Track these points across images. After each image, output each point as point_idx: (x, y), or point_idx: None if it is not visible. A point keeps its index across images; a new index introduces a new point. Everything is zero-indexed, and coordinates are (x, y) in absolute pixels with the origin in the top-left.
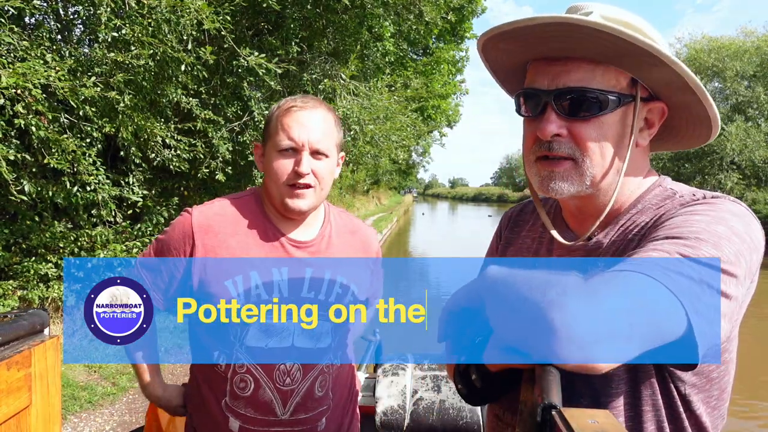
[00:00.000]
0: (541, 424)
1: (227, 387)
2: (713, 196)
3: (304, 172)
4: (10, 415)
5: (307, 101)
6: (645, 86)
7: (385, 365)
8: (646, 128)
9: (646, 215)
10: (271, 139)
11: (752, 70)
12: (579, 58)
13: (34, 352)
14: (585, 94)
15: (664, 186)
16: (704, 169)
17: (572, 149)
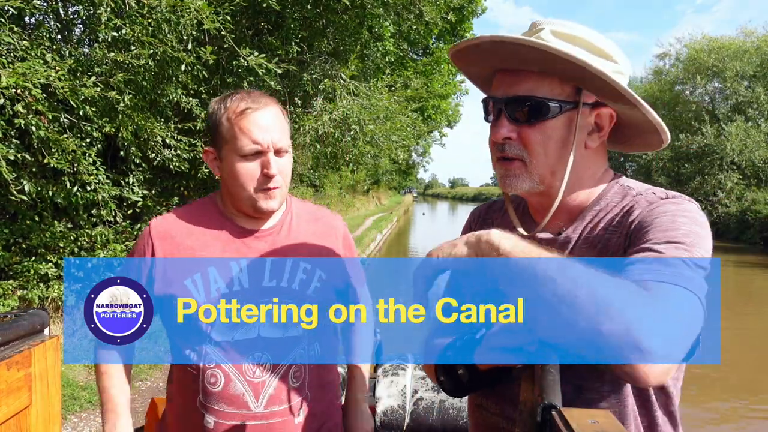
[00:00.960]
0: (541, 424)
1: (200, 385)
2: (674, 196)
3: (274, 173)
4: (11, 415)
5: (258, 99)
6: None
7: (385, 365)
8: (596, 131)
9: (612, 212)
10: (229, 144)
11: (752, 70)
12: (529, 70)
13: (34, 352)
14: (531, 101)
15: (621, 183)
16: (704, 169)
17: (521, 151)
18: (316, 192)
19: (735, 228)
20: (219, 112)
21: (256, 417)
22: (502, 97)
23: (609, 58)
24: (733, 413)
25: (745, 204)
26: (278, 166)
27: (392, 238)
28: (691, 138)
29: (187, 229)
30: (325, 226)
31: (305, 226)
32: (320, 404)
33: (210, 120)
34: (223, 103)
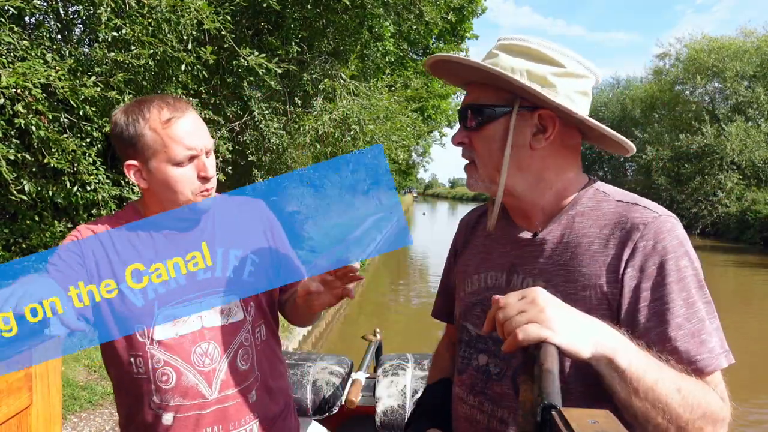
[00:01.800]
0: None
1: (151, 386)
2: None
3: (212, 175)
4: (11, 415)
5: (177, 106)
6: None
7: (385, 365)
8: (541, 132)
9: (587, 218)
10: (159, 155)
11: (752, 70)
12: (476, 82)
13: (35, 351)
14: (473, 109)
15: (595, 188)
16: (704, 169)
17: (471, 154)
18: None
19: (735, 228)
20: (137, 123)
21: (212, 403)
22: (460, 107)
23: (552, 62)
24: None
25: (745, 204)
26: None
27: None
28: (691, 138)
29: (115, 235)
30: (249, 210)
31: (230, 214)
32: (273, 382)
33: (125, 133)
34: (140, 114)
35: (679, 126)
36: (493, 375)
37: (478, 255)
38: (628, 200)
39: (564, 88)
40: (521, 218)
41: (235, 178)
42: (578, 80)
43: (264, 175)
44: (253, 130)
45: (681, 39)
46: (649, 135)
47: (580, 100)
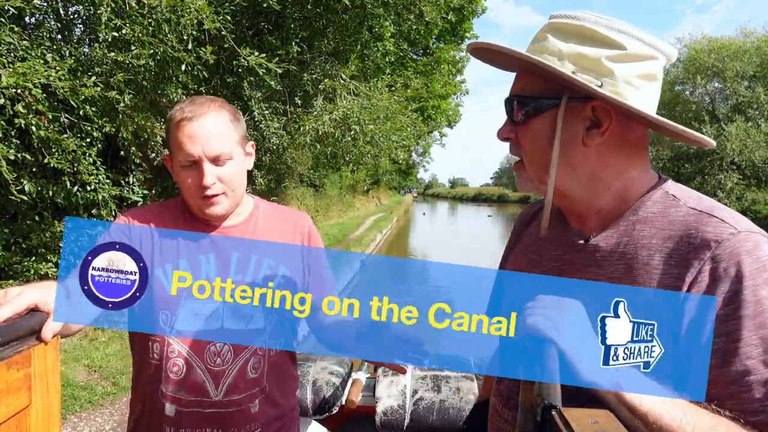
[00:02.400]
0: (541, 424)
1: (162, 374)
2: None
3: (209, 184)
4: (10, 415)
5: (196, 108)
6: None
7: None
8: (595, 127)
9: (651, 226)
10: (173, 154)
11: (752, 70)
12: (525, 70)
13: (34, 352)
14: (518, 100)
15: (665, 190)
16: (704, 169)
17: (518, 151)
18: (316, 192)
19: None
20: (169, 120)
21: (215, 405)
22: (506, 98)
23: (609, 44)
24: None
25: (745, 204)
26: (217, 173)
27: (392, 239)
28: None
29: (158, 223)
30: (291, 224)
31: (272, 224)
32: (279, 395)
33: (165, 126)
34: (173, 111)
35: None
36: None
37: (528, 255)
38: (702, 208)
39: (624, 74)
40: (576, 220)
41: None
42: (642, 63)
43: (264, 175)
44: (253, 130)
45: (681, 39)
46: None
47: (645, 86)
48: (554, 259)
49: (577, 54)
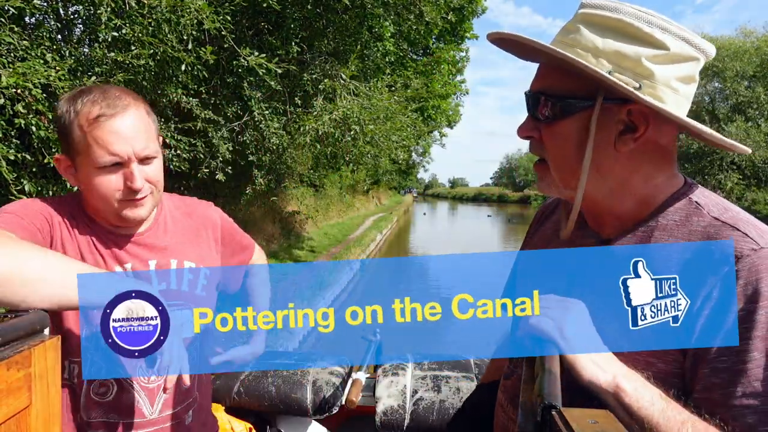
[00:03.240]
0: (541, 424)
1: (81, 400)
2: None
3: (140, 187)
4: (10, 415)
5: (114, 102)
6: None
7: (385, 365)
8: (629, 132)
9: (669, 234)
10: (83, 154)
11: (752, 70)
12: (554, 64)
13: (34, 352)
14: (547, 98)
15: (690, 197)
16: (704, 169)
17: (542, 151)
18: (316, 192)
19: None
20: (68, 116)
21: (150, 424)
22: (528, 92)
23: (651, 42)
24: None
25: (745, 204)
26: (145, 174)
27: (392, 239)
28: (692, 138)
29: (65, 228)
30: (200, 218)
31: (181, 223)
32: (204, 401)
33: (59, 123)
34: (73, 105)
35: None
36: None
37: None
38: (726, 219)
39: (664, 76)
40: (593, 221)
41: (235, 178)
42: (683, 64)
43: (264, 175)
44: (253, 130)
45: None
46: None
47: (683, 89)
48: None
49: (615, 52)
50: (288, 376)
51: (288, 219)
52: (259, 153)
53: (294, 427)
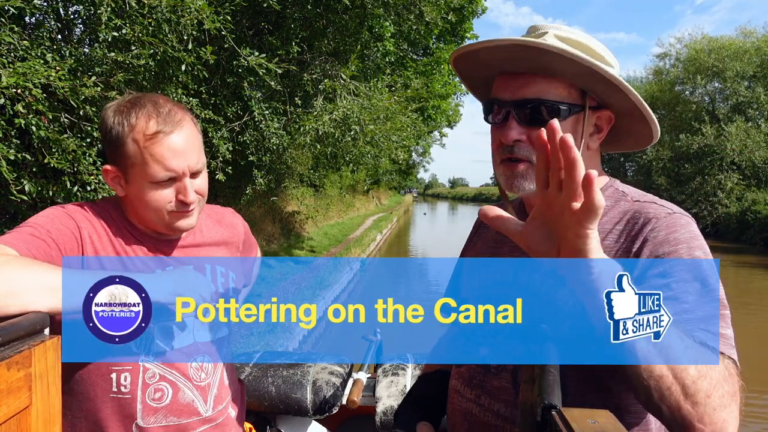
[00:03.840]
0: (541, 424)
1: (137, 406)
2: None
3: (192, 200)
4: (11, 415)
5: (169, 118)
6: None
7: (385, 365)
8: (596, 133)
9: (604, 215)
10: (137, 168)
11: (752, 70)
12: (536, 73)
13: (35, 352)
14: (541, 104)
15: (615, 187)
16: (704, 169)
17: (530, 152)
18: (316, 192)
19: (735, 228)
20: (122, 129)
21: (206, 421)
22: (510, 100)
23: (608, 63)
24: None
25: (745, 204)
26: (195, 187)
27: (392, 238)
28: (691, 138)
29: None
30: (228, 227)
31: (212, 231)
32: (240, 396)
33: (109, 135)
34: (127, 119)
35: (679, 126)
36: (492, 369)
37: (489, 249)
38: (645, 199)
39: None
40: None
41: (235, 178)
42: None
43: (264, 175)
44: (253, 130)
45: (681, 39)
46: None
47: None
48: (515, 249)
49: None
50: (288, 376)
51: (288, 219)
52: (259, 153)
53: (294, 427)
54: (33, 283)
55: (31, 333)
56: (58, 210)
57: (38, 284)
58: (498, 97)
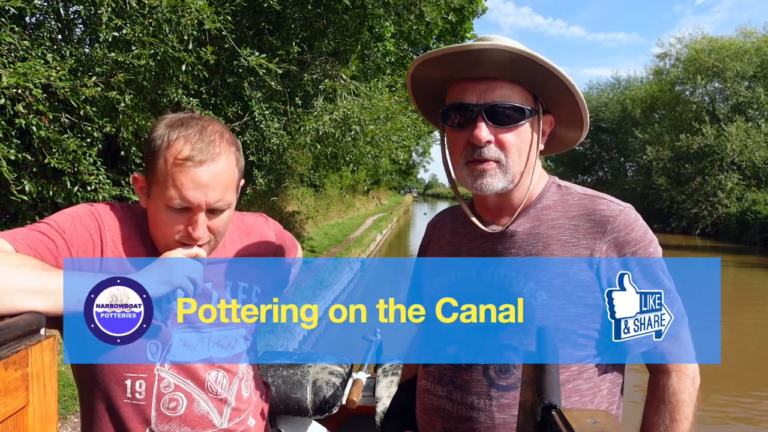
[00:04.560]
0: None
1: (151, 413)
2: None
3: (199, 237)
4: (8, 415)
5: (205, 146)
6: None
7: (385, 365)
8: (542, 135)
9: (555, 211)
10: (159, 186)
11: (752, 70)
12: (498, 78)
13: (31, 351)
14: (509, 107)
15: (557, 183)
16: (704, 169)
17: (498, 153)
18: (316, 192)
19: (735, 228)
20: (161, 143)
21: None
22: (478, 103)
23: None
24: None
25: (745, 204)
26: (209, 224)
27: (392, 239)
28: (692, 138)
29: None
30: (257, 238)
31: (237, 243)
32: (261, 408)
33: (150, 144)
34: (168, 133)
35: (679, 126)
36: (462, 364)
37: (446, 252)
38: (590, 194)
39: None
40: (490, 214)
41: None
42: None
43: (264, 175)
44: (254, 130)
45: (681, 39)
46: (649, 135)
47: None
48: (473, 249)
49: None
50: (288, 376)
51: (288, 219)
52: (259, 153)
53: (294, 427)
54: (17, 283)
55: (28, 333)
56: (85, 209)
57: (22, 285)
58: (463, 101)
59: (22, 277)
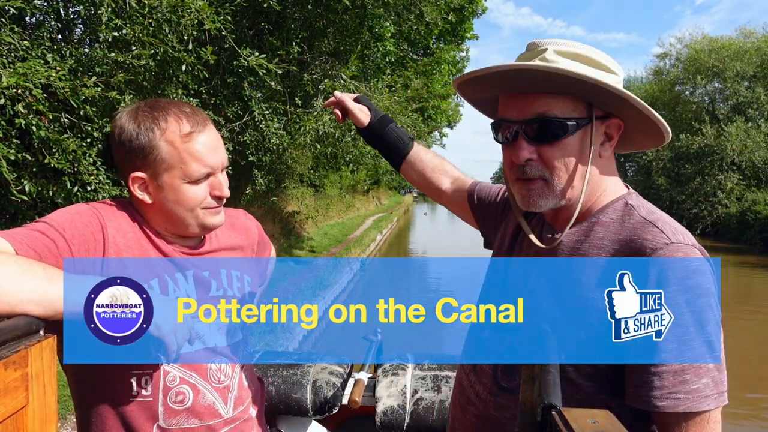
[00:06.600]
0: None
1: (158, 409)
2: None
3: (227, 194)
4: (7, 415)
5: (197, 118)
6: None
7: (385, 365)
8: (607, 141)
9: (606, 229)
10: (173, 169)
11: (752, 70)
12: (539, 91)
13: (31, 352)
14: (548, 121)
15: (626, 200)
16: (704, 169)
17: (542, 171)
18: (316, 192)
19: (735, 228)
20: (152, 134)
21: (227, 422)
22: (517, 120)
23: (611, 71)
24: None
25: (745, 204)
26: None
27: (392, 239)
28: (691, 138)
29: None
30: (242, 230)
31: (226, 235)
32: (260, 396)
33: (135, 143)
34: (154, 122)
35: (679, 126)
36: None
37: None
38: (650, 219)
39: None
40: (552, 216)
41: (235, 178)
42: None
43: (264, 175)
44: (254, 130)
45: (681, 39)
46: None
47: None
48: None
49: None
50: (288, 376)
51: (288, 219)
52: (259, 153)
53: (294, 427)
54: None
55: (28, 333)
56: (85, 208)
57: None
58: (505, 116)
59: (23, 286)
